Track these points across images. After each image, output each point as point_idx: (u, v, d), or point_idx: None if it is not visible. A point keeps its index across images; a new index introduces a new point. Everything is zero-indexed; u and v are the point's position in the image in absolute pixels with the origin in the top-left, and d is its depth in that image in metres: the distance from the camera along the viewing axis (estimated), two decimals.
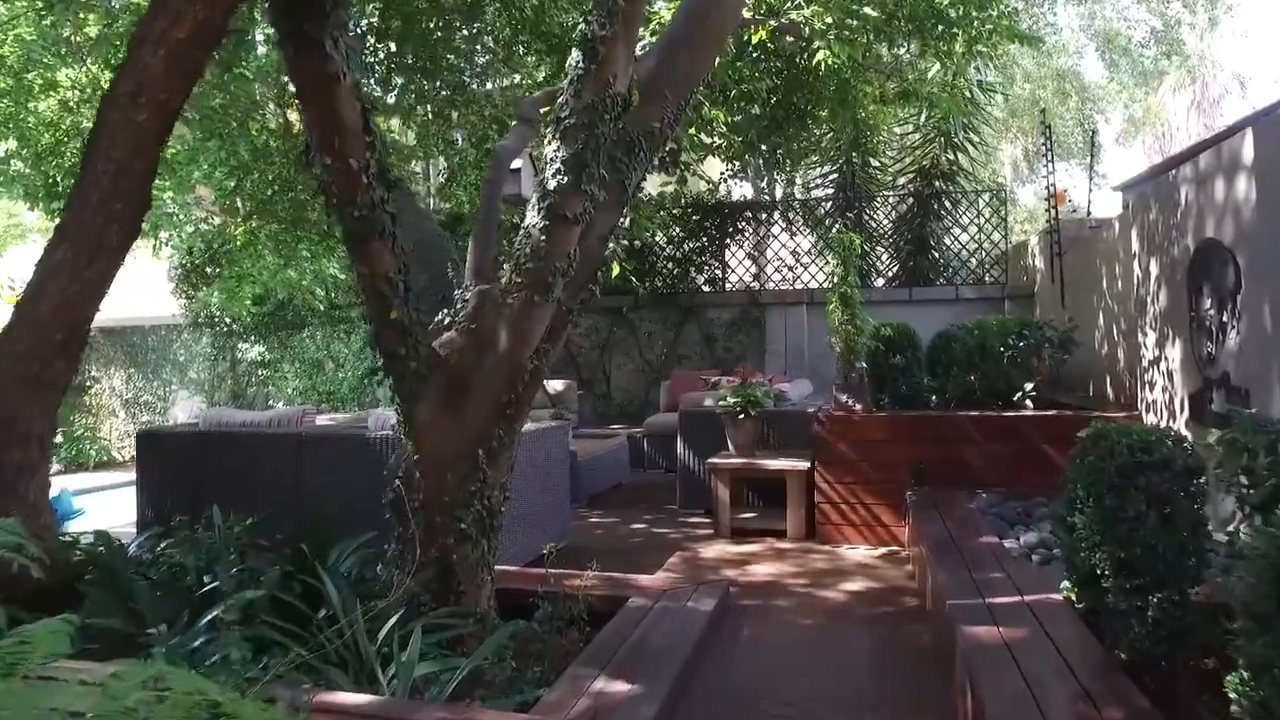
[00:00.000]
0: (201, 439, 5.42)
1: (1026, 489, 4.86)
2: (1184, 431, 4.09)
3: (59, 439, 12.40)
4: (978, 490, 4.86)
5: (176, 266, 10.29)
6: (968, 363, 5.66)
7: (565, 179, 2.76)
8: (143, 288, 12.64)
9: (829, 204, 10.47)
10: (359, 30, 7.87)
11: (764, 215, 10.77)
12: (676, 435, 6.57)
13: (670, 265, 10.70)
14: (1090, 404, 5.84)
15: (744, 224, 10.59)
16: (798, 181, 11.61)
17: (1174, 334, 4.18)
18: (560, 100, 2.83)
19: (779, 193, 11.43)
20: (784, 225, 10.49)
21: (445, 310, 3.11)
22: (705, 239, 10.58)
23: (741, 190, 10.61)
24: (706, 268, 10.63)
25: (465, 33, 7.86)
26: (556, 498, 5.30)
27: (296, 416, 5.50)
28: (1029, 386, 5.42)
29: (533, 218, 2.83)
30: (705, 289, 10.61)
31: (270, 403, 12.37)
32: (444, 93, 7.99)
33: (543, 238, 2.79)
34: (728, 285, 10.59)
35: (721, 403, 5.75)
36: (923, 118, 9.78)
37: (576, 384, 10.59)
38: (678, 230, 10.64)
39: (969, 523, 4.12)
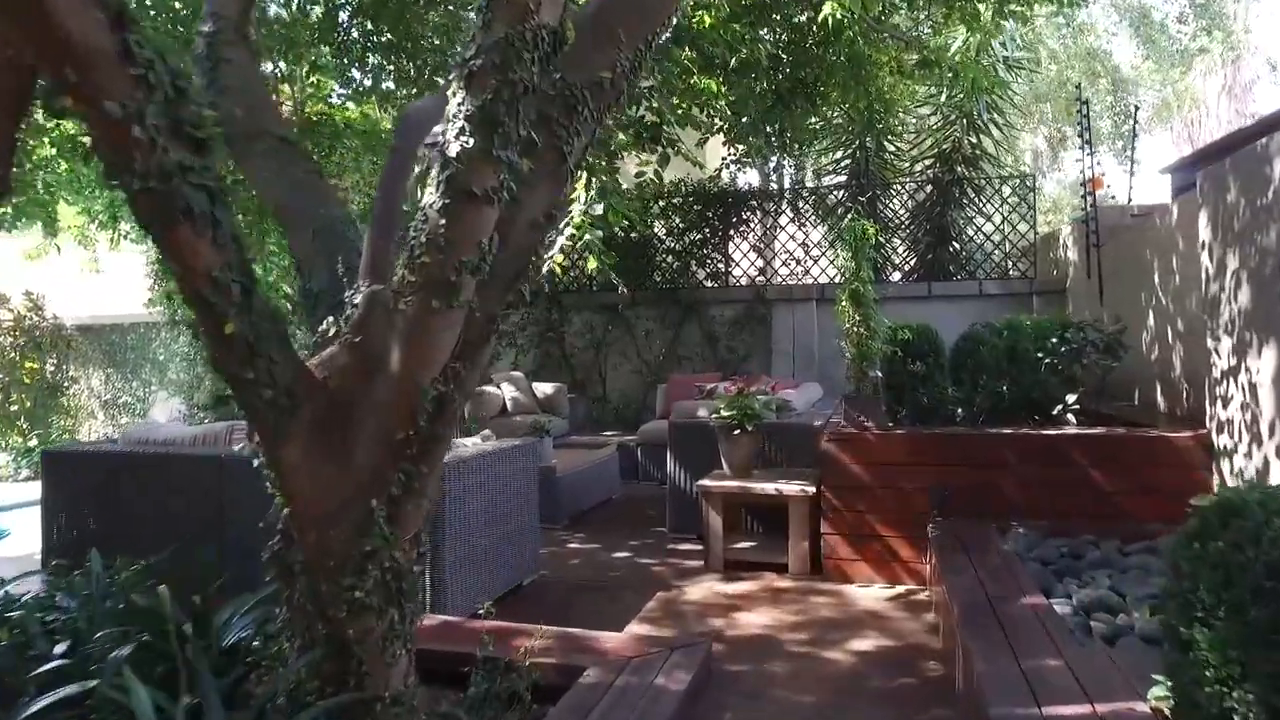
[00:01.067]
0: (116, 460, 4.74)
1: (1071, 523, 4.10)
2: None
3: (33, 441, 11.84)
4: (1013, 523, 4.10)
5: (153, 261, 9.63)
6: (998, 370, 4.91)
7: (471, 142, 2.04)
8: (122, 285, 12.07)
9: (841, 192, 9.68)
10: (330, 4, 7.20)
11: (771, 205, 10.00)
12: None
13: (670, 259, 9.96)
14: (1139, 416, 5.07)
15: (749, 214, 9.83)
16: (807, 168, 10.82)
17: (1261, 339, 3.41)
18: (467, 39, 2.12)
19: (787, 180, 10.65)
20: (792, 215, 9.73)
21: (332, 317, 2.40)
22: (707, 230, 9.83)
23: (746, 178, 9.84)
24: (709, 261, 9.88)
25: (447, 8, 7.16)
26: (522, 525, 4.59)
27: (225, 434, 4.82)
28: (1071, 399, 4.65)
29: (430, 195, 2.12)
30: (707, 284, 9.87)
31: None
32: (426, 75, 7.30)
33: (442, 221, 2.08)
34: (731, 280, 9.83)
35: (714, 416, 5.02)
36: (943, 97, 8.98)
37: (570, 387, 9.90)
38: (677, 221, 9.90)
39: (1006, 572, 3.37)
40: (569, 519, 6.27)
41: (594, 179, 4.24)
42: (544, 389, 9.06)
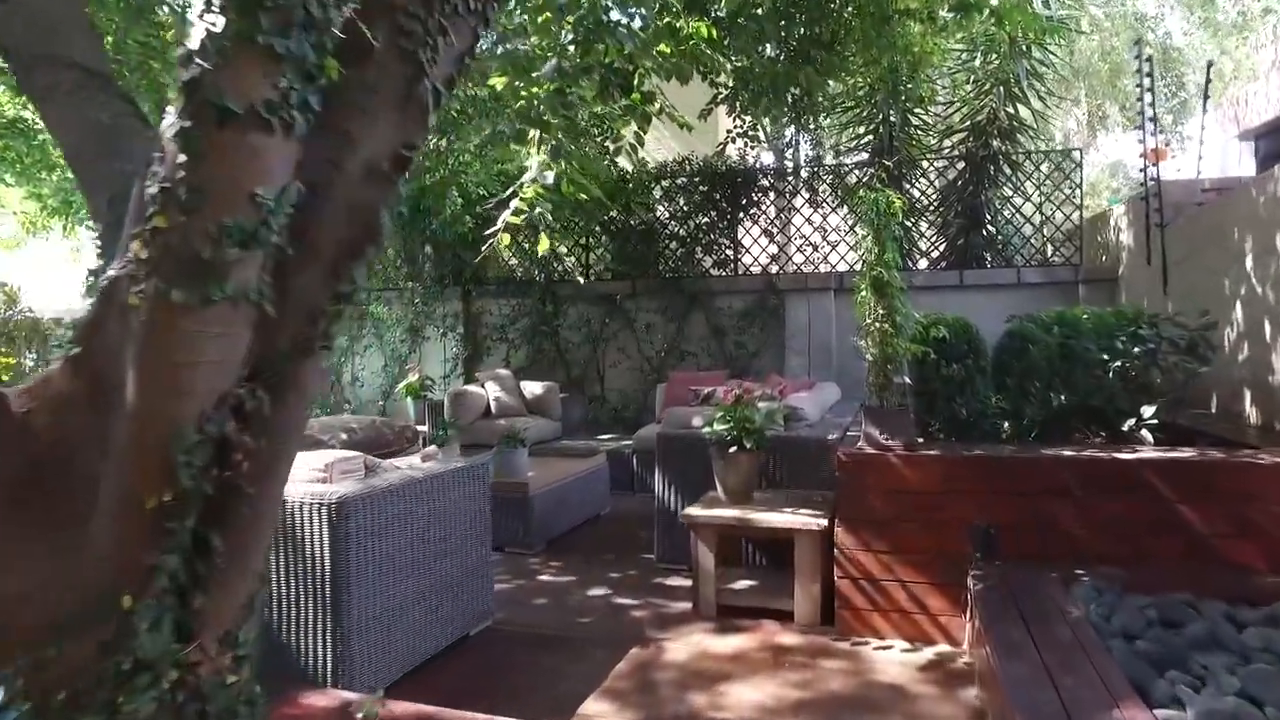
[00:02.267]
0: None
1: (1155, 573, 3.21)
2: None
3: None
4: (1079, 573, 3.22)
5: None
6: (1051, 374, 4.01)
7: (221, 22, 1.22)
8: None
9: (862, 171, 8.74)
10: None
11: (784, 185, 9.10)
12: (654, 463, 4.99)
13: (673, 245, 9.08)
14: (1226, 430, 4.15)
15: (760, 195, 8.92)
16: (825, 144, 9.87)
17: None
18: None
19: (802, 158, 9.73)
20: (808, 196, 8.81)
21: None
22: (714, 213, 8.94)
23: (757, 155, 8.92)
24: (716, 248, 8.99)
25: None
26: (469, 565, 3.76)
27: None
28: (1148, 411, 3.75)
29: (169, 118, 1.29)
30: (714, 273, 8.98)
31: None
32: None
33: (183, 158, 1.26)
34: (741, 268, 8.94)
35: (707, 429, 4.16)
36: (978, 60, 8.03)
37: (565, 385, 9.07)
38: (681, 203, 9.01)
39: (1080, 654, 2.50)
40: (545, 544, 5.45)
41: (546, 139, 3.39)
42: (533, 389, 8.24)
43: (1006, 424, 3.95)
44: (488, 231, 3.90)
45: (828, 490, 4.29)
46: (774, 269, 8.87)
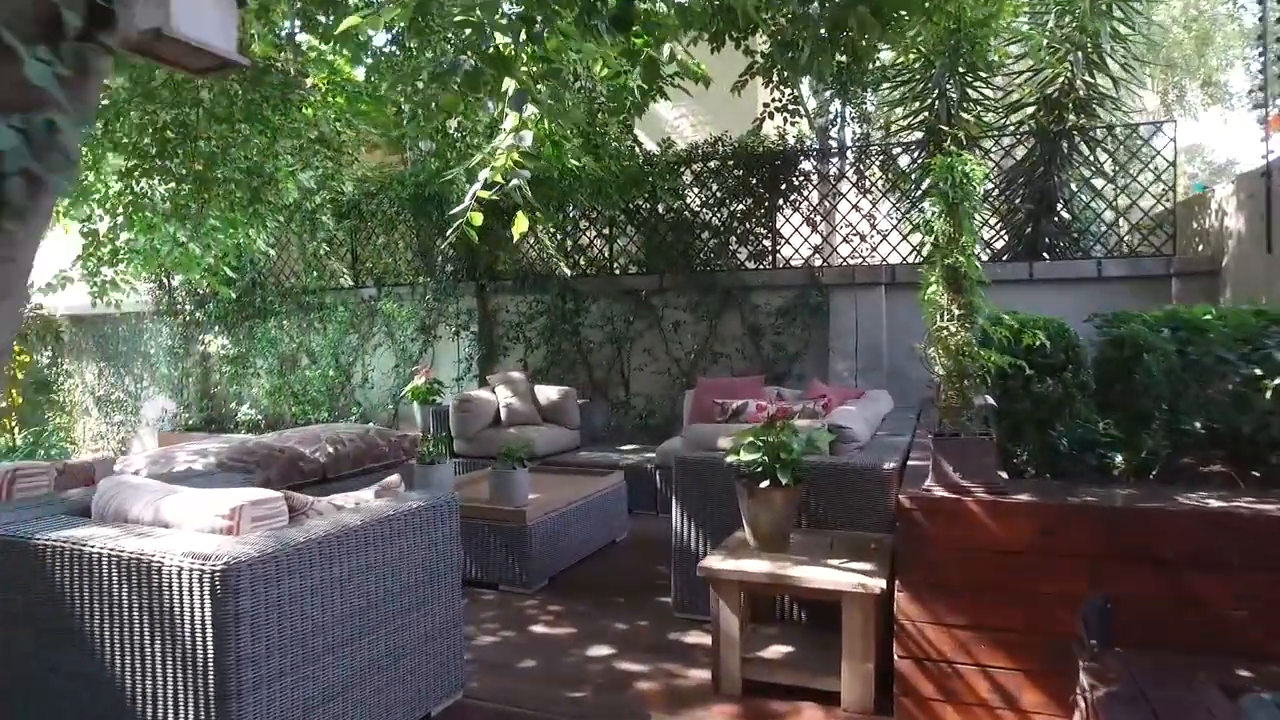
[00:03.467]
0: None
1: None
2: None
3: (26, 439, 10.82)
4: (1243, 674, 2.34)
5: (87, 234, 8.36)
6: (1173, 392, 3.11)
7: None
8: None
9: (916, 151, 7.80)
10: None
11: (828, 167, 8.20)
12: (671, 492, 4.16)
13: (705, 236, 8.24)
14: None
15: (802, 179, 8.03)
16: (873, 121, 8.91)
17: None
18: None
19: (848, 137, 8.80)
20: (855, 180, 7.90)
21: None
22: (750, 200, 8.06)
23: (798, 134, 8.02)
24: (752, 238, 8.12)
25: None
26: (429, 628, 3.00)
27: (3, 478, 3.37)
28: None
29: None
30: (750, 266, 8.12)
31: (235, 405, 10.49)
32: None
33: None
34: (780, 260, 8.06)
35: (731, 457, 3.34)
36: (1050, 21, 7.05)
37: (586, 389, 8.31)
38: (714, 189, 8.16)
39: None
40: (546, 580, 4.67)
41: (509, 84, 2.60)
42: (548, 393, 7.48)
43: (1119, 457, 3.05)
44: (452, 212, 3.13)
45: (885, 533, 3.45)
46: (817, 261, 7.98)
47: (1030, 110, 7.60)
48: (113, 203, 6.52)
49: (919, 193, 7.63)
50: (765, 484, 3.20)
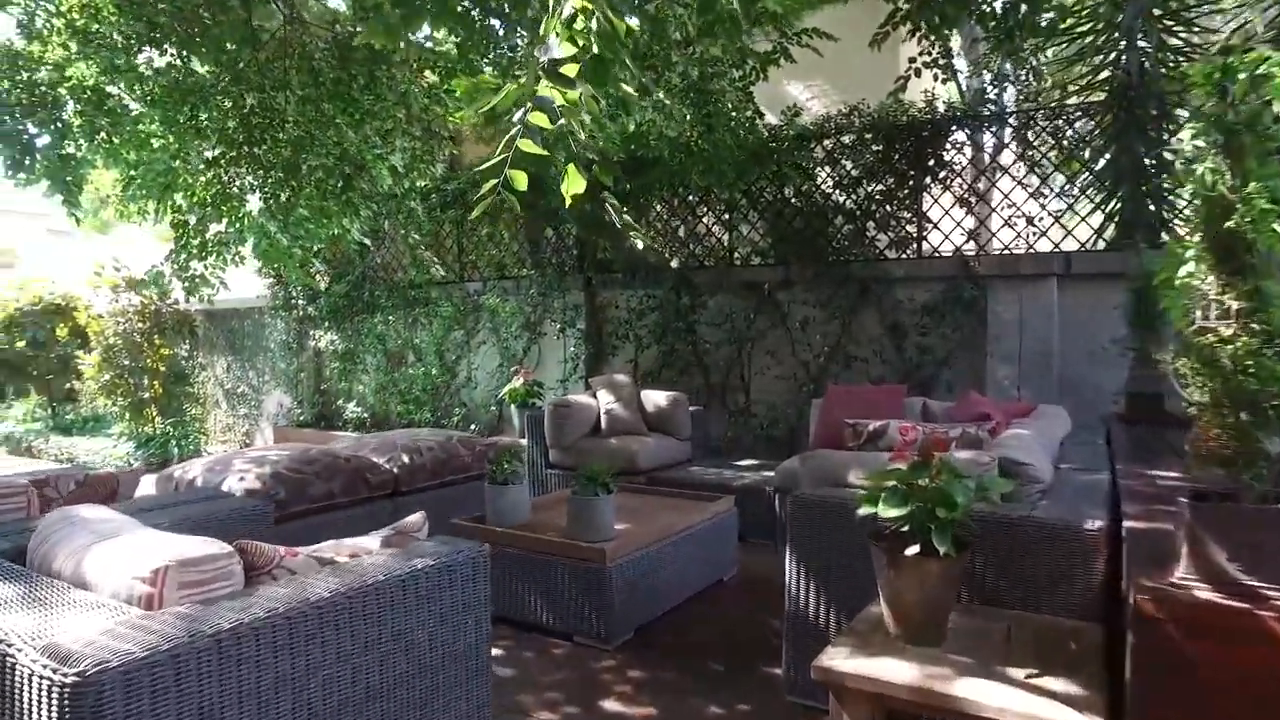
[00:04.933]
0: None
1: None
2: None
3: (163, 428, 11.07)
4: None
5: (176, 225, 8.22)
6: None
7: None
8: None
9: (1098, 115, 6.45)
10: None
11: (987, 137, 6.96)
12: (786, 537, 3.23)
13: (839, 221, 7.18)
14: None
15: (954, 152, 6.83)
16: (1045, 80, 7.52)
17: None
18: None
19: (1011, 101, 7.48)
20: (1019, 153, 6.63)
21: None
22: (891, 179, 6.94)
23: (949, 98, 6.83)
24: (894, 223, 6.99)
25: None
26: None
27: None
28: None
29: None
30: (891, 255, 7.00)
31: (342, 403, 10.28)
32: None
33: None
34: (926, 248, 6.90)
35: (866, 508, 2.37)
36: None
37: (702, 394, 7.45)
38: (849, 167, 7.09)
39: None
40: (631, 632, 3.84)
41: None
42: (656, 399, 6.66)
43: None
44: (481, 167, 2.36)
45: (1089, 620, 2.41)
46: (971, 249, 6.78)
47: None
48: (199, 194, 6.21)
49: (1101, 164, 6.30)
50: (914, 550, 2.23)
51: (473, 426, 8.81)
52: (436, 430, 5.87)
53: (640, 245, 3.47)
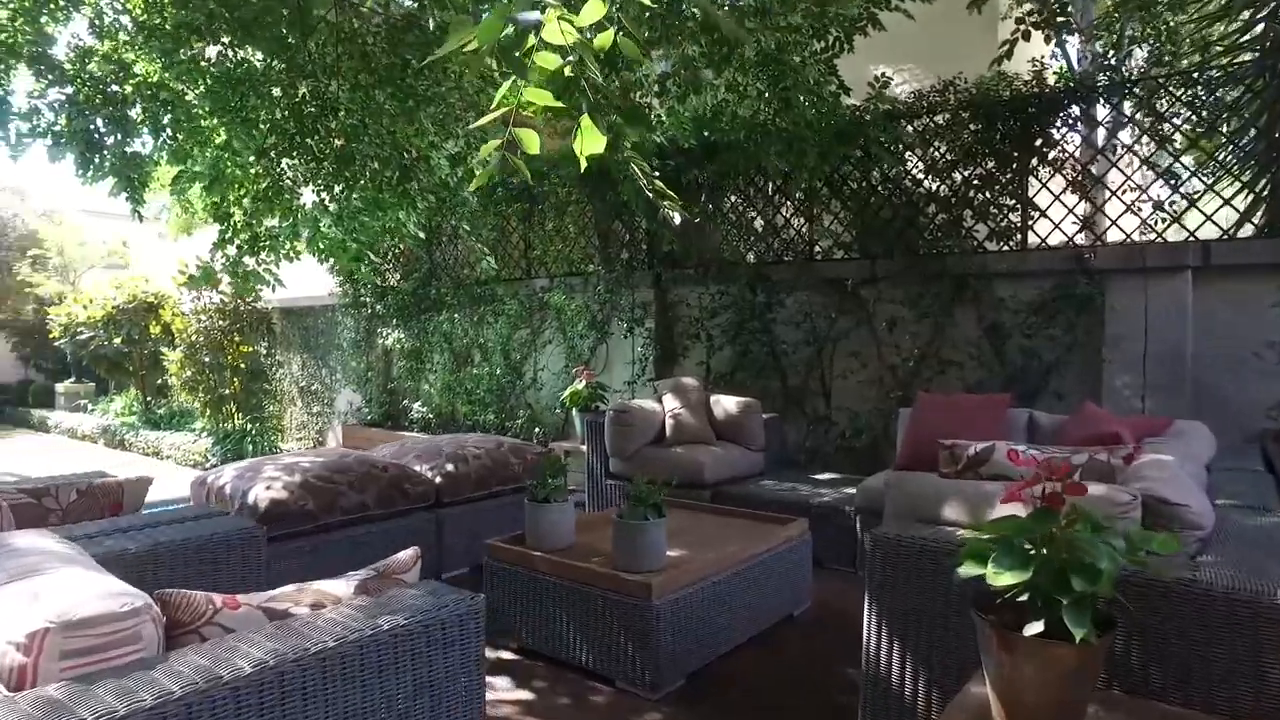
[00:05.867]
0: None
1: None
2: None
3: (241, 424, 11.15)
4: None
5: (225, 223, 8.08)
6: None
7: None
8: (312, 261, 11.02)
9: (1246, 81, 5.57)
10: None
11: (1104, 111, 6.14)
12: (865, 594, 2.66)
13: (932, 209, 6.47)
14: None
15: (1066, 130, 6.04)
16: (1180, 40, 6.59)
17: None
18: None
19: (1135, 66, 6.60)
20: (1147, 126, 5.79)
21: None
22: (992, 162, 6.19)
23: (1062, 68, 6.02)
24: (994, 211, 6.24)
25: None
26: None
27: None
28: None
29: None
30: (991, 247, 6.25)
31: (407, 402, 10.09)
32: None
33: None
34: (1032, 239, 6.13)
35: (968, 568, 1.79)
36: None
37: (779, 399, 6.88)
38: (943, 150, 6.37)
39: None
40: (682, 679, 3.33)
41: None
42: (726, 405, 6.12)
43: None
44: (480, 121, 1.89)
45: None
46: (1084, 239, 5.98)
47: None
48: (248, 187, 6.00)
49: (1249, 137, 5.43)
50: (1036, 628, 1.65)
51: (537, 430, 8.44)
52: (486, 436, 5.48)
53: (676, 218, 2.96)
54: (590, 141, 1.81)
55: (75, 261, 18.68)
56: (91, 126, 6.16)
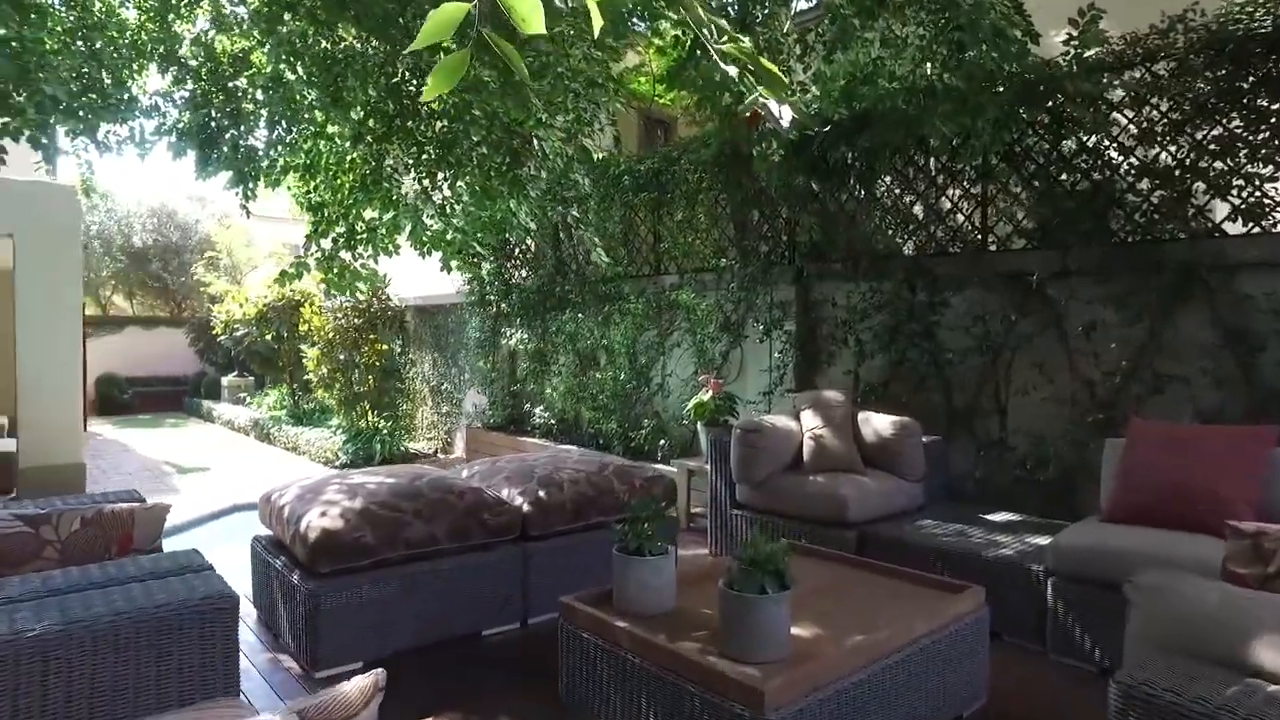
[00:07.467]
0: None
1: None
2: None
3: (373, 423, 11.11)
4: None
5: (312, 215, 7.76)
6: None
7: None
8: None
9: None
10: None
11: None
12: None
13: (1143, 185, 5.15)
14: None
15: None
16: None
17: None
18: None
19: None
20: None
21: None
22: (1232, 119, 4.79)
23: None
24: (1232, 184, 4.83)
25: None
26: None
27: None
28: None
29: None
30: (1231, 229, 4.86)
31: (529, 406, 9.57)
32: None
33: None
34: None
35: None
36: None
37: (942, 418, 5.77)
38: (1162, 108, 5.02)
39: None
40: None
41: None
42: (878, 425, 5.10)
43: None
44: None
45: None
46: None
47: None
48: (342, 178, 5.56)
49: None
50: None
51: (662, 443, 7.66)
52: (588, 455, 4.75)
53: (785, 117, 2.07)
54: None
55: (242, 263, 19.74)
56: (208, 119, 5.95)
